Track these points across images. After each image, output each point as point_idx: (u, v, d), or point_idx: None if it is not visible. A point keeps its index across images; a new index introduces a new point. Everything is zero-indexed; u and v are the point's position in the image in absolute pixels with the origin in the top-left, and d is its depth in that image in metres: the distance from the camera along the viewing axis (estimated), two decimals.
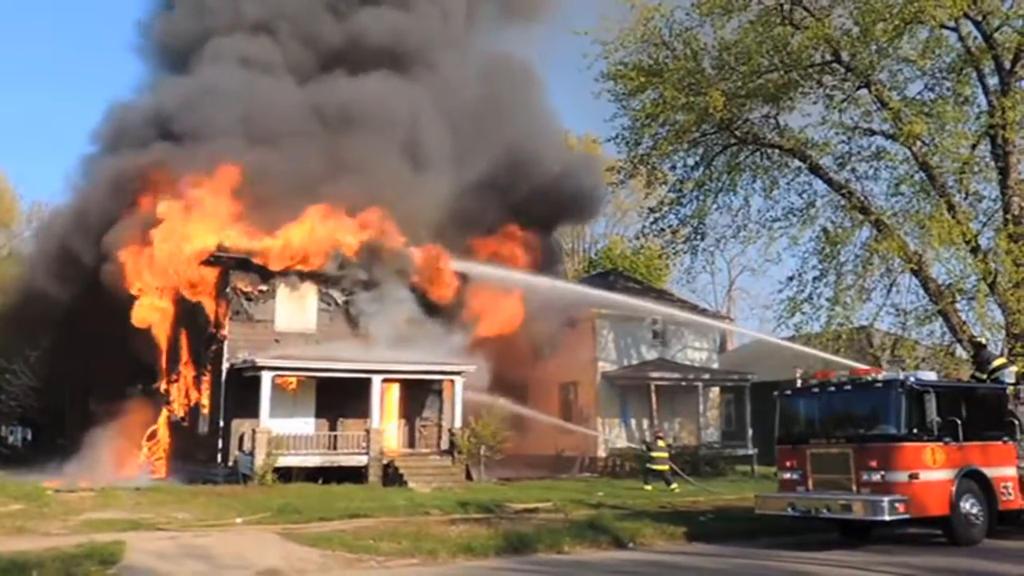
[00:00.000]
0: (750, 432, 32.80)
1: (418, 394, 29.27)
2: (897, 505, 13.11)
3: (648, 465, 24.93)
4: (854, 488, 13.75)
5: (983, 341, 17.81)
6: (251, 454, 24.47)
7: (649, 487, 23.72)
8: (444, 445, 27.91)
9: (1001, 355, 17.73)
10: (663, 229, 26.03)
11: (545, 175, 31.50)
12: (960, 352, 21.79)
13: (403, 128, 28.71)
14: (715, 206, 25.17)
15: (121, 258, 27.56)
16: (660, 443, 25.43)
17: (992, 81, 21.44)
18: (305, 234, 26.78)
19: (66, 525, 14.78)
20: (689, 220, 25.37)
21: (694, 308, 38.60)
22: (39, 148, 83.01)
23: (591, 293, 31.80)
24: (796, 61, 21.89)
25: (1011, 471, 14.60)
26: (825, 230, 23.05)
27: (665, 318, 33.80)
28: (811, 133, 22.93)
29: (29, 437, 40.49)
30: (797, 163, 23.71)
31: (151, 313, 28.78)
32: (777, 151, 23.93)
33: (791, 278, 23.10)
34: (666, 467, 24.75)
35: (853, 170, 22.79)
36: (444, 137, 29.53)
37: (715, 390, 35.26)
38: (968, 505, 13.82)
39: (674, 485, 23.96)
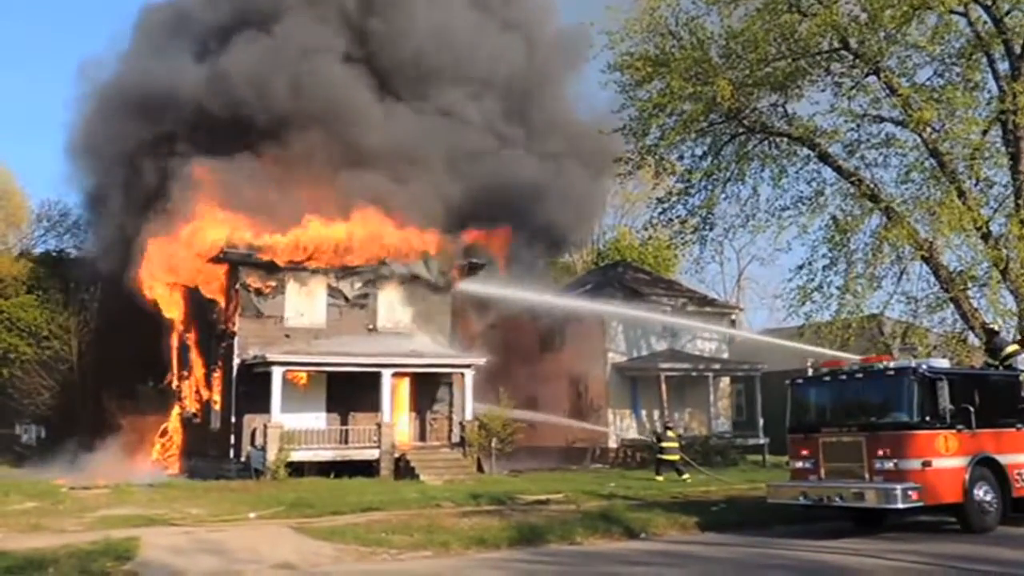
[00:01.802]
0: (761, 421, 32.73)
1: (428, 387, 29.33)
2: (910, 493, 13.07)
3: (659, 455, 24.92)
4: (867, 476, 13.72)
5: (995, 328, 17.72)
6: (263, 449, 24.58)
7: (661, 478, 23.71)
8: (455, 438, 27.99)
9: (1014, 341, 17.60)
10: (671, 219, 25.89)
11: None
12: (972, 339, 21.66)
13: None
14: (724, 196, 24.99)
15: (141, 253, 27.86)
16: (670, 433, 25.41)
17: (1002, 66, 21.23)
18: (343, 231, 27.09)
19: (81, 522, 14.86)
20: (697, 210, 25.22)
21: (703, 298, 38.52)
22: (47, 146, 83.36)
23: (596, 308, 31.81)
24: (804, 49, 21.73)
25: None
26: (835, 218, 22.90)
27: (667, 325, 33.81)
28: (820, 121, 22.74)
29: (43, 435, 40.73)
30: (806, 151, 23.54)
31: (166, 307, 29.03)
32: (786, 139, 23.77)
33: (801, 267, 22.95)
34: (677, 457, 24.73)
35: (862, 157, 22.62)
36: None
37: (726, 380, 35.19)
38: (981, 492, 13.77)
39: (685, 475, 23.95)
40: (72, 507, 16.90)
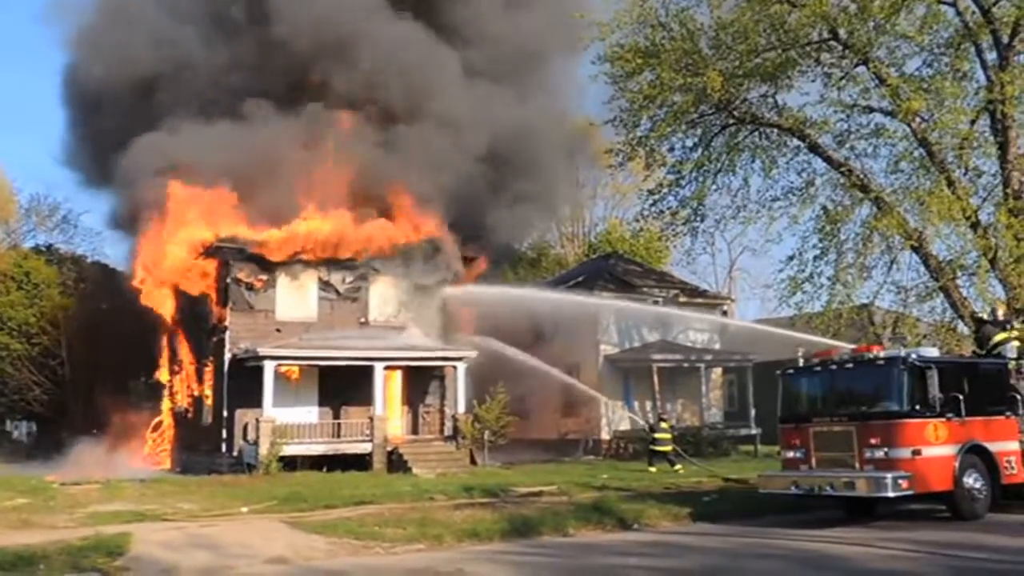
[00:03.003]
0: (753, 412, 32.85)
1: (421, 380, 29.32)
2: (900, 481, 13.15)
3: (652, 447, 25.00)
4: (857, 465, 13.80)
5: (984, 316, 17.79)
6: (255, 444, 24.55)
7: (653, 469, 23.79)
8: (448, 431, 28.01)
9: (989, 319, 17.69)
10: (662, 211, 25.93)
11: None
12: (961, 328, 21.78)
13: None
14: (714, 187, 25.06)
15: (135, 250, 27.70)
16: (664, 424, 25.48)
17: (991, 56, 21.30)
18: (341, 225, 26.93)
19: (72, 518, 14.81)
20: (688, 201, 25.27)
21: (694, 289, 38.60)
22: (37, 139, 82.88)
23: (589, 302, 31.81)
24: (794, 39, 21.75)
25: (1014, 445, 14.65)
26: (825, 208, 22.96)
27: (659, 317, 33.80)
28: (810, 111, 22.81)
29: (33, 431, 40.62)
30: (796, 142, 23.60)
31: (157, 302, 28.90)
32: (776, 130, 23.81)
33: (791, 257, 23.02)
34: (670, 448, 24.80)
35: (852, 148, 22.69)
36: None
37: (717, 371, 35.30)
38: (971, 480, 13.87)
39: (678, 466, 24.03)
40: (63, 503, 16.83)
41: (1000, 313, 17.31)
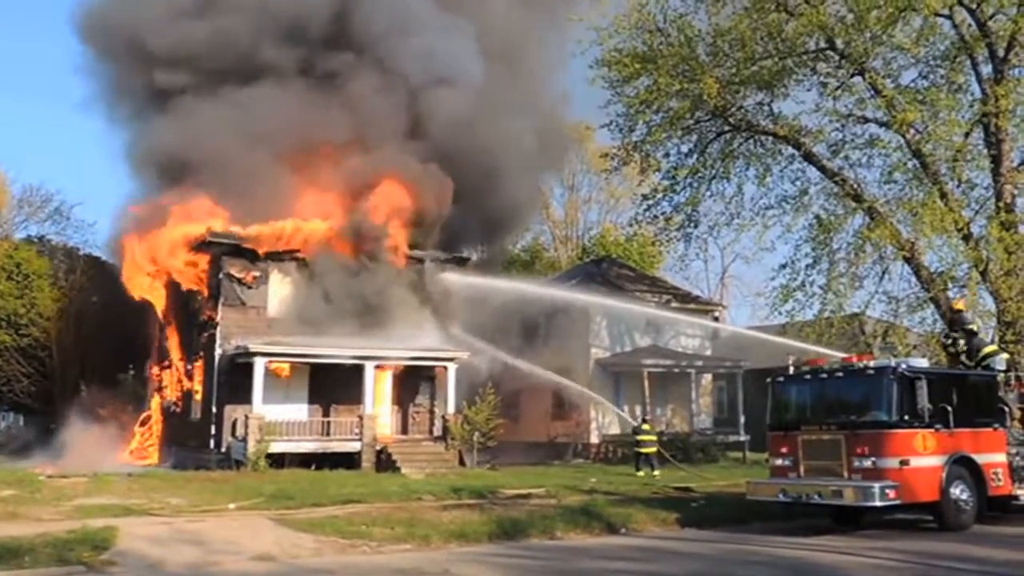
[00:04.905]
0: (742, 419, 32.91)
1: (411, 380, 29.29)
2: (888, 491, 13.19)
3: (637, 449, 25.00)
4: (845, 474, 13.83)
5: (974, 328, 17.88)
6: (244, 440, 24.48)
7: (640, 473, 23.81)
8: (437, 431, 28.00)
9: (992, 342, 17.80)
10: (656, 216, 26.06)
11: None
12: None
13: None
14: (709, 193, 25.21)
15: (123, 243, 27.52)
16: (645, 426, 25.46)
17: (986, 69, 21.45)
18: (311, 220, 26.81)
19: (58, 511, 14.74)
20: (682, 207, 25.39)
21: (687, 295, 38.68)
22: (31, 129, 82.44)
23: (579, 297, 31.79)
24: (790, 48, 21.88)
25: (1001, 457, 14.70)
26: (818, 217, 23.08)
27: (650, 318, 33.76)
28: (805, 120, 22.98)
29: (21, 423, 40.39)
30: (791, 150, 23.73)
31: (148, 295, 28.79)
32: (771, 138, 23.93)
33: (784, 265, 23.15)
34: (654, 450, 24.78)
35: (846, 158, 22.84)
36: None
37: (708, 377, 35.37)
38: (958, 491, 13.93)
39: (656, 471, 23.89)
40: (49, 495, 16.74)
41: (961, 305, 17.51)
